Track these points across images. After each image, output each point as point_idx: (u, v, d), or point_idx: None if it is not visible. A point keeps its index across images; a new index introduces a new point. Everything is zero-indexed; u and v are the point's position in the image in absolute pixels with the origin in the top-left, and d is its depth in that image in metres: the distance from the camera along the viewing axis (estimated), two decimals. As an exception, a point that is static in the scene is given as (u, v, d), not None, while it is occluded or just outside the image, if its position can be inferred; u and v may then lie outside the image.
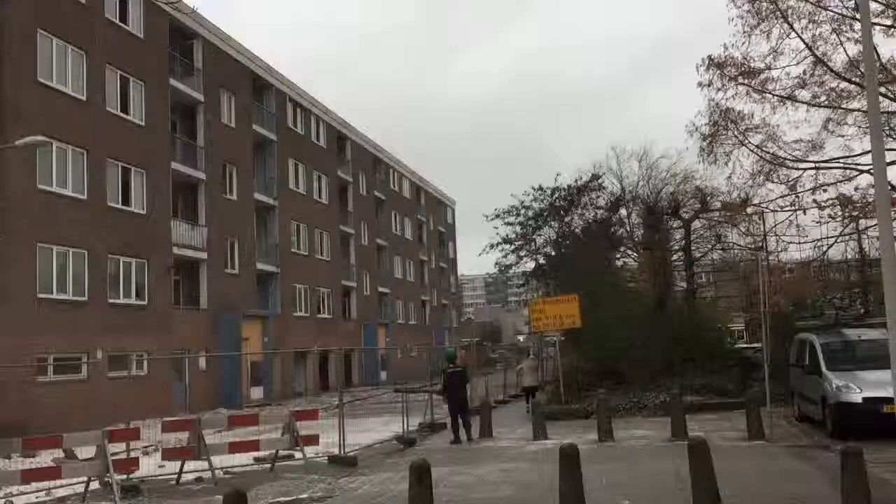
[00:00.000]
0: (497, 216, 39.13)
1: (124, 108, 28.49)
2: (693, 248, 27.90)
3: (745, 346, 30.49)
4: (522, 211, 38.50)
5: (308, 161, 44.44)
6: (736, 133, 21.38)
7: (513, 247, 39.44)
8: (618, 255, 36.16)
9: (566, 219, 38.21)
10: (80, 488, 12.68)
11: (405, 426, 18.07)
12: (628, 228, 35.88)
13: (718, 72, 20.75)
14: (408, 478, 8.10)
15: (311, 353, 40.78)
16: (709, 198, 26.90)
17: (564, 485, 8.39)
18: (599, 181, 36.60)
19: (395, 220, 60.73)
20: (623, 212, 35.94)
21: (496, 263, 41.15)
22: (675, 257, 30.84)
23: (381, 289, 55.93)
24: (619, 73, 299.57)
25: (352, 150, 52.25)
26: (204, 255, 32.99)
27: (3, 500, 12.61)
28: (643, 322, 24.03)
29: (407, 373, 37.35)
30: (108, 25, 27.83)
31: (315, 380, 42.39)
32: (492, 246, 39.67)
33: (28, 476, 12.35)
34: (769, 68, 20.45)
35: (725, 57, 20.56)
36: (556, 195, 37.62)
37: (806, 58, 19.96)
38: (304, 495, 11.53)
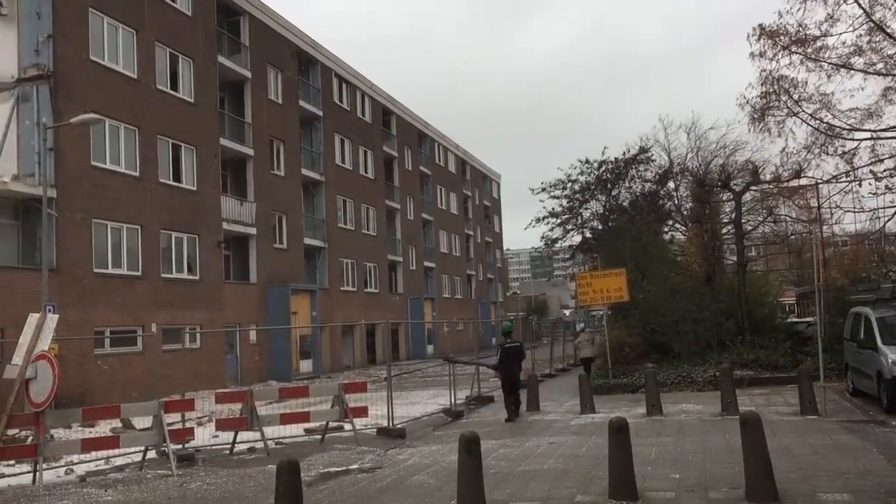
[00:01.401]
0: (543, 190, 38.92)
1: (174, 86, 28.88)
2: (744, 221, 27.36)
3: (796, 320, 29.97)
4: (569, 185, 38.22)
5: (354, 136, 44.61)
6: (789, 103, 20.88)
7: (559, 220, 39.22)
8: (666, 229, 35.71)
9: (613, 192, 37.85)
10: (138, 457, 13.06)
11: (453, 399, 18.19)
12: (676, 201, 35.36)
13: (771, 41, 20.25)
14: (456, 450, 8.15)
15: (358, 327, 41.20)
16: (760, 170, 26.35)
17: (613, 458, 8.38)
18: (647, 154, 36.11)
19: (440, 195, 60.75)
20: (671, 185, 35.43)
21: (542, 237, 40.98)
22: (724, 230, 30.33)
23: (426, 263, 56.13)
24: (683, 46, 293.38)
25: (397, 125, 52.27)
26: (253, 231, 33.43)
27: (65, 467, 13.06)
28: (692, 296, 23.76)
29: (453, 347, 37.55)
30: (158, 4, 28.16)
31: (363, 353, 42.87)
32: (538, 220, 39.51)
33: (88, 445, 12.74)
34: (825, 35, 19.90)
35: (778, 25, 20.04)
36: (604, 168, 37.24)
37: (863, 24, 19.36)
38: (354, 466, 11.70)
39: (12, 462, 12.98)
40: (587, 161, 37.55)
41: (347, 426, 14.76)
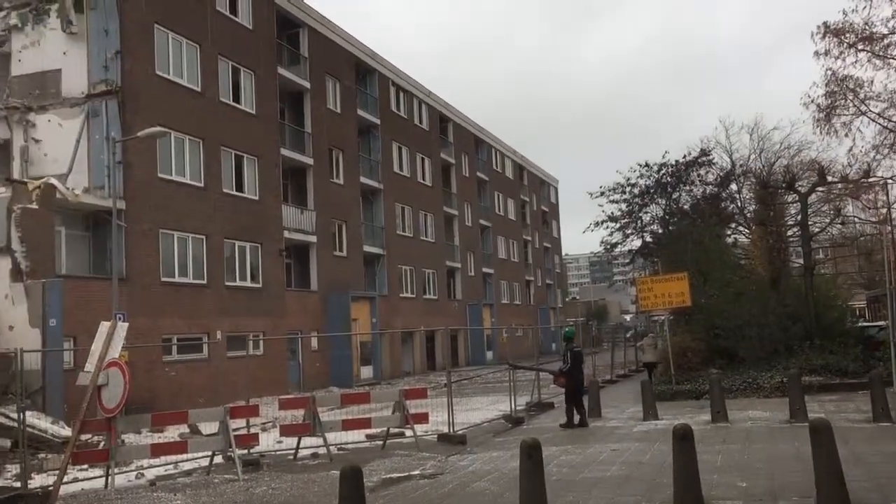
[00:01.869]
0: (602, 194, 38.56)
1: (236, 98, 29.51)
2: (810, 223, 26.68)
3: (867, 324, 29.06)
4: (628, 188, 37.81)
5: (411, 144, 44.91)
6: (855, 102, 20.31)
7: (618, 225, 38.80)
8: (728, 232, 35.03)
9: (674, 195, 37.30)
10: (205, 462, 13.35)
11: (513, 405, 18.14)
12: (739, 204, 34.69)
13: (836, 39, 19.74)
14: (517, 456, 8.14)
15: (417, 333, 41.39)
16: (827, 170, 25.68)
17: (678, 465, 8.25)
18: (709, 157, 35.51)
19: (497, 201, 60.69)
20: (733, 187, 34.77)
21: (601, 242, 40.58)
22: (790, 233, 29.63)
23: (484, 269, 56.10)
24: (744, 46, 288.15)
25: (454, 132, 52.44)
26: (313, 239, 33.90)
27: (136, 472, 13.42)
28: (757, 300, 23.25)
29: (512, 352, 37.39)
30: (220, 18, 28.83)
31: (422, 359, 43.04)
32: (597, 224, 39.16)
33: (157, 450, 13.09)
34: (893, 33, 19.30)
35: (843, 23, 19.53)
36: (664, 171, 36.74)
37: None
38: (416, 472, 11.76)
39: (86, 466, 13.39)
40: (646, 164, 37.10)
41: (408, 432, 14.83)
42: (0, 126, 24.29)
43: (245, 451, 13.33)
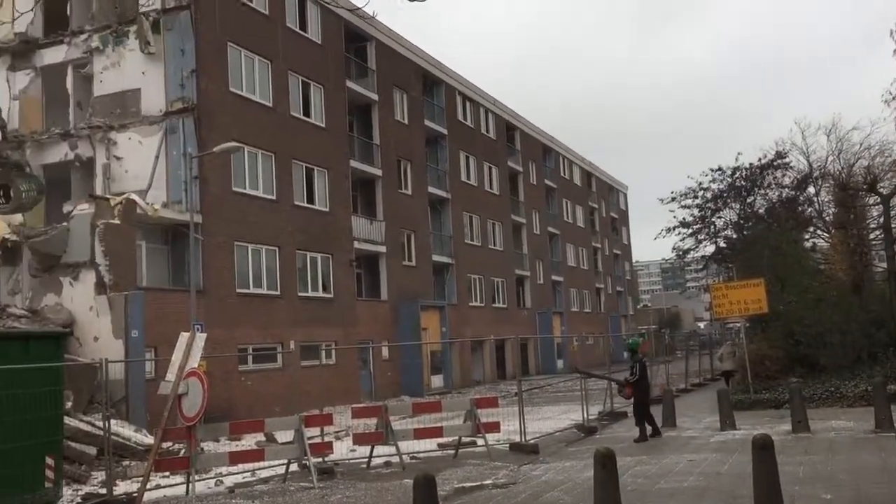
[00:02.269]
0: (673, 199, 38.00)
1: (306, 112, 30.07)
2: (893, 225, 25.69)
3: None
4: (700, 193, 37.12)
5: (478, 153, 45.00)
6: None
7: (690, 230, 38.16)
8: (806, 236, 34.04)
9: (748, 199, 36.50)
10: (281, 469, 13.58)
11: (585, 414, 17.95)
12: (817, 207, 33.69)
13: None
14: (591, 466, 8.05)
15: (487, 342, 41.36)
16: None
17: (758, 476, 8.03)
18: (784, 159, 34.60)
19: (566, 208, 60.26)
20: (811, 190, 33.81)
21: (673, 248, 39.97)
22: (872, 236, 28.61)
23: (554, 277, 55.72)
24: (820, 49, 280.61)
25: (521, 140, 52.34)
26: (383, 249, 34.24)
27: (215, 479, 13.75)
28: (838, 306, 22.48)
29: (583, 361, 37.07)
30: (290, 34, 29.46)
31: (492, 368, 42.96)
32: (668, 230, 38.59)
33: (235, 458, 13.38)
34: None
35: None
36: (737, 175, 35.96)
37: None
38: (489, 481, 11.74)
39: (168, 473, 13.80)
40: (719, 168, 36.39)
41: (480, 441, 14.82)
42: (84, 145, 25.26)
43: (320, 460, 13.51)
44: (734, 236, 37.33)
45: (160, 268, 24.51)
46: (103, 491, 12.43)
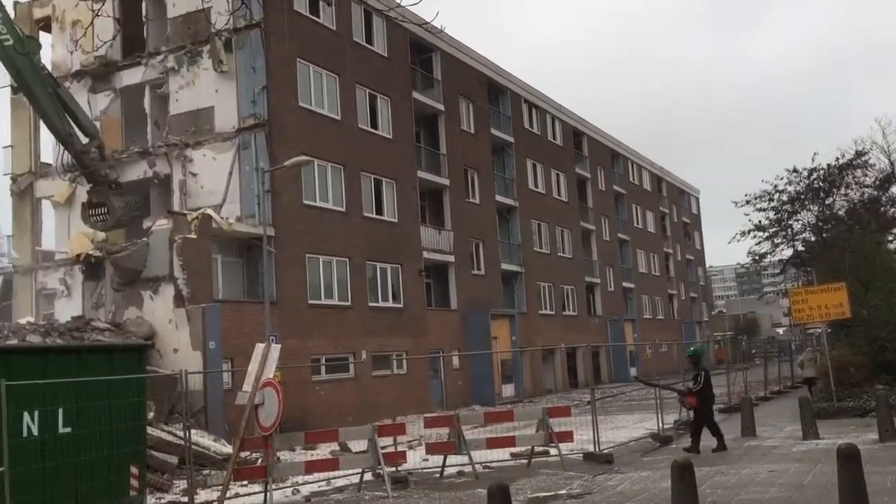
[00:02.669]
0: (747, 202, 37.07)
1: (374, 124, 30.43)
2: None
3: None
4: (776, 195, 36.13)
5: (545, 160, 44.78)
6: None
7: (766, 234, 37.16)
8: (890, 238, 32.79)
9: (827, 201, 35.36)
10: (356, 479, 13.72)
11: (660, 423, 17.62)
12: (901, 207, 32.40)
13: None
14: (667, 476, 7.90)
15: (558, 351, 41.02)
16: None
17: (844, 488, 7.75)
18: (864, 158, 33.43)
19: (636, 213, 59.42)
20: (894, 189, 32.54)
21: (748, 252, 38.97)
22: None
23: (625, 284, 54.95)
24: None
25: (588, 146, 51.88)
26: (451, 258, 34.34)
27: (291, 488, 13.97)
28: (928, 310, 21.54)
29: (657, 369, 36.42)
30: (357, 48, 29.88)
31: (564, 377, 42.57)
32: (743, 234, 37.66)
33: (311, 467, 13.57)
34: None
35: None
36: (815, 176, 34.88)
37: None
38: (563, 491, 11.62)
39: (246, 482, 14.08)
40: (795, 170, 35.35)
41: (553, 451, 14.70)
42: (161, 162, 26.08)
43: (393, 469, 13.59)
44: (813, 239, 36.21)
45: (235, 280, 25.09)
46: (185, 499, 12.76)
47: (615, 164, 56.67)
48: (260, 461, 13.93)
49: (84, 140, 22.53)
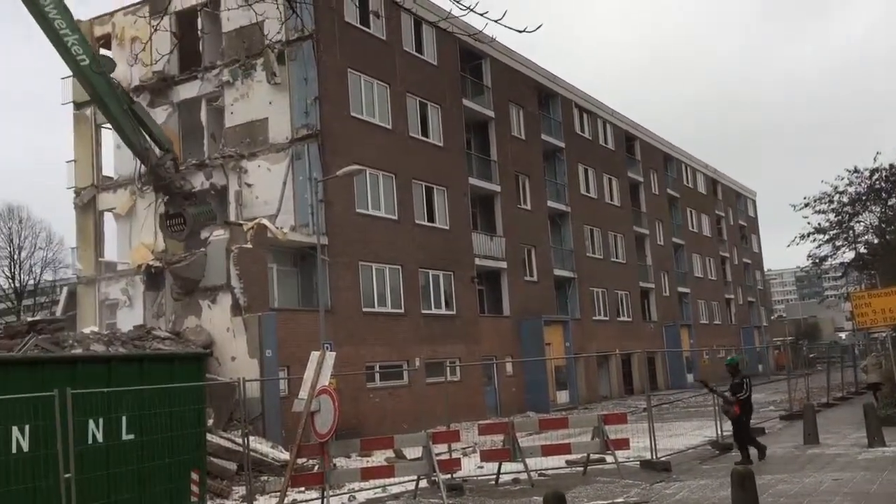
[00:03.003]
0: (806, 205, 36.23)
1: (424, 132, 30.58)
2: None
3: None
4: (836, 197, 35.24)
5: (597, 165, 44.43)
6: None
7: (827, 236, 36.24)
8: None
9: (889, 202, 34.36)
10: (411, 485, 13.76)
11: (719, 430, 17.30)
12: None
13: None
14: (727, 485, 7.77)
15: (613, 357, 40.60)
16: None
17: (914, 498, 7.51)
18: (929, 156, 32.39)
19: (690, 217, 58.54)
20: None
21: (808, 255, 38.08)
22: None
23: (680, 289, 54.14)
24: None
25: (641, 150, 51.31)
26: (504, 265, 34.27)
27: (348, 494, 14.08)
28: None
29: (714, 375, 35.73)
30: (407, 57, 30.09)
31: (619, 383, 42.10)
32: (802, 237, 36.80)
33: (367, 474, 13.67)
34: None
35: None
36: (877, 176, 33.94)
37: None
38: (620, 499, 11.50)
39: (303, 489, 14.23)
40: (856, 170, 34.44)
41: (609, 458, 14.55)
42: (218, 174, 26.61)
43: (448, 476, 13.60)
44: (875, 241, 35.21)
45: (290, 289, 25.42)
46: (244, 505, 12.95)
47: (668, 167, 55.95)
48: (317, 468, 14.07)
49: (159, 153, 23.29)
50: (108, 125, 28.99)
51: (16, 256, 55.91)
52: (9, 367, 9.93)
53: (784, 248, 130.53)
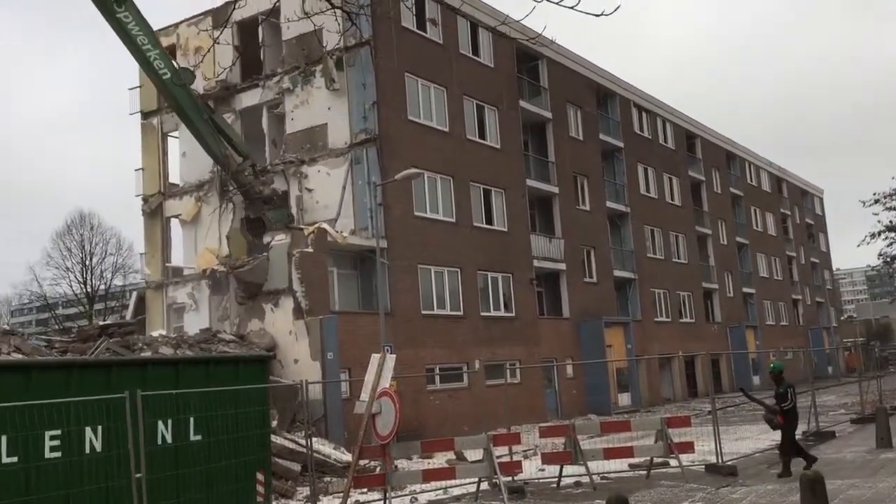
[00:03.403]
0: (876, 201, 35.15)
1: (482, 134, 30.59)
2: None
3: None
4: (907, 192, 34.09)
5: (657, 164, 43.82)
6: None
7: (899, 234, 35.07)
8: None
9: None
10: (472, 488, 13.78)
11: (787, 434, 16.84)
12: None
13: None
14: (795, 490, 7.59)
15: (676, 359, 39.96)
16: None
17: None
18: None
19: (754, 216, 57.25)
20: None
21: (879, 254, 36.96)
22: None
23: (745, 289, 52.99)
24: None
25: (702, 148, 50.41)
26: (562, 266, 34.05)
27: (409, 496, 14.17)
28: None
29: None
30: (463, 60, 30.15)
31: (682, 386, 41.42)
32: (872, 235, 35.73)
33: (428, 476, 13.74)
34: None
35: None
36: (951, 171, 32.69)
37: None
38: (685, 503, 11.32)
39: (365, 490, 14.38)
40: (929, 164, 33.25)
41: (673, 462, 14.34)
42: (279, 179, 27.05)
43: (509, 479, 13.58)
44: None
45: (350, 292, 25.70)
46: (307, 505, 13.13)
47: (731, 165, 54.84)
48: (378, 469, 14.20)
49: (238, 160, 23.96)
50: (175, 134, 30.05)
51: (88, 262, 57.90)
52: (82, 370, 10.28)
53: (854, 247, 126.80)
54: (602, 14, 6.00)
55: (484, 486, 13.66)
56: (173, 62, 23.12)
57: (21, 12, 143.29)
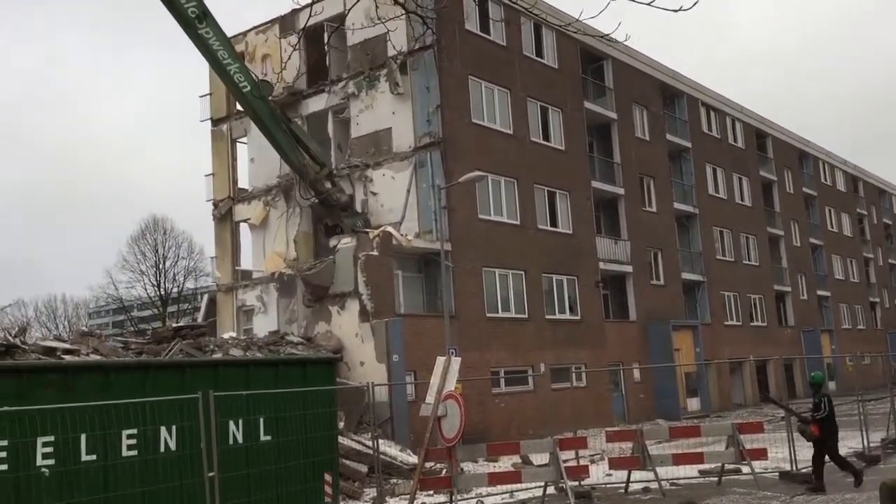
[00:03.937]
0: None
1: (545, 136, 30.42)
2: None
3: None
4: None
5: (726, 164, 42.89)
6: None
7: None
8: None
9: None
10: (538, 492, 13.71)
11: (865, 442, 16.35)
12: None
13: None
14: (875, 499, 7.32)
15: (747, 363, 39.00)
16: None
17: None
18: None
19: (829, 216, 55.54)
20: None
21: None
22: None
23: (819, 292, 51.42)
24: None
25: (773, 147, 49.14)
26: (629, 269, 33.60)
27: (475, 499, 14.16)
28: None
29: (859, 383, 33.66)
30: (527, 61, 30.04)
31: (754, 391, 40.39)
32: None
33: (494, 479, 13.72)
34: None
35: None
36: None
37: None
38: (758, 512, 11.04)
39: (431, 492, 14.43)
40: None
41: (745, 469, 14.00)
42: (344, 183, 27.38)
43: (576, 483, 13.46)
44: None
45: (415, 295, 25.84)
46: (374, 506, 13.24)
47: (804, 164, 53.32)
48: (444, 472, 14.23)
49: (317, 169, 24.42)
50: (243, 140, 30.70)
51: (161, 266, 59.63)
52: (158, 371, 10.57)
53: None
54: (680, 10, 5.84)
55: (550, 490, 13.58)
56: (252, 74, 23.61)
57: (97, 24, 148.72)
